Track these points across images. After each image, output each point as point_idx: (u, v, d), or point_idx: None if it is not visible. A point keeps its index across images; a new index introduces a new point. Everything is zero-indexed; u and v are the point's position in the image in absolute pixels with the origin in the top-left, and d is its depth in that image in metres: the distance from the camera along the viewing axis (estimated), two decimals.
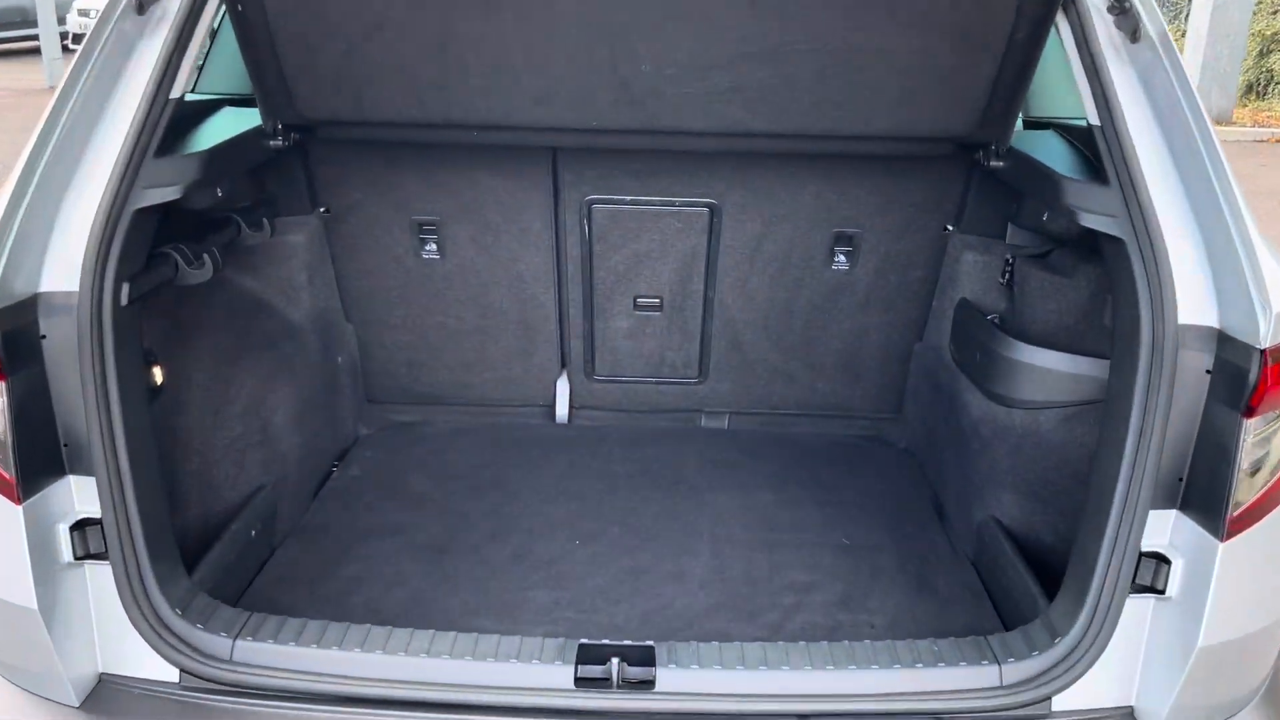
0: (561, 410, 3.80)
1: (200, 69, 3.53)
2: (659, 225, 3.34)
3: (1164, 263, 2.16)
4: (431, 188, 3.28)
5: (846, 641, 2.31)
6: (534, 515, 3.10)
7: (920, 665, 2.22)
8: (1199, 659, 2.10)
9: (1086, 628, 2.21)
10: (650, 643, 2.30)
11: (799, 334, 3.58)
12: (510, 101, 2.74)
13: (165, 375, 2.67)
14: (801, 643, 2.29)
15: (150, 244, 2.36)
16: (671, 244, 3.38)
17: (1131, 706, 2.24)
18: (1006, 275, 3.06)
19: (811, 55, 2.59)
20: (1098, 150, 2.43)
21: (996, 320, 3.07)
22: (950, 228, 3.31)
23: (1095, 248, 2.72)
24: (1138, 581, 2.19)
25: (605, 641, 2.33)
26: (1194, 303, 2.15)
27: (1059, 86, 3.36)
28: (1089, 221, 2.33)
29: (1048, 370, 2.74)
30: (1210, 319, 2.14)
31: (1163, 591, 2.18)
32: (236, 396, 2.91)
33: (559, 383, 3.75)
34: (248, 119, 2.92)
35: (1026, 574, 2.56)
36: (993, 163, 2.88)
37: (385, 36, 2.57)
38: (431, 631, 2.29)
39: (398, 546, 2.93)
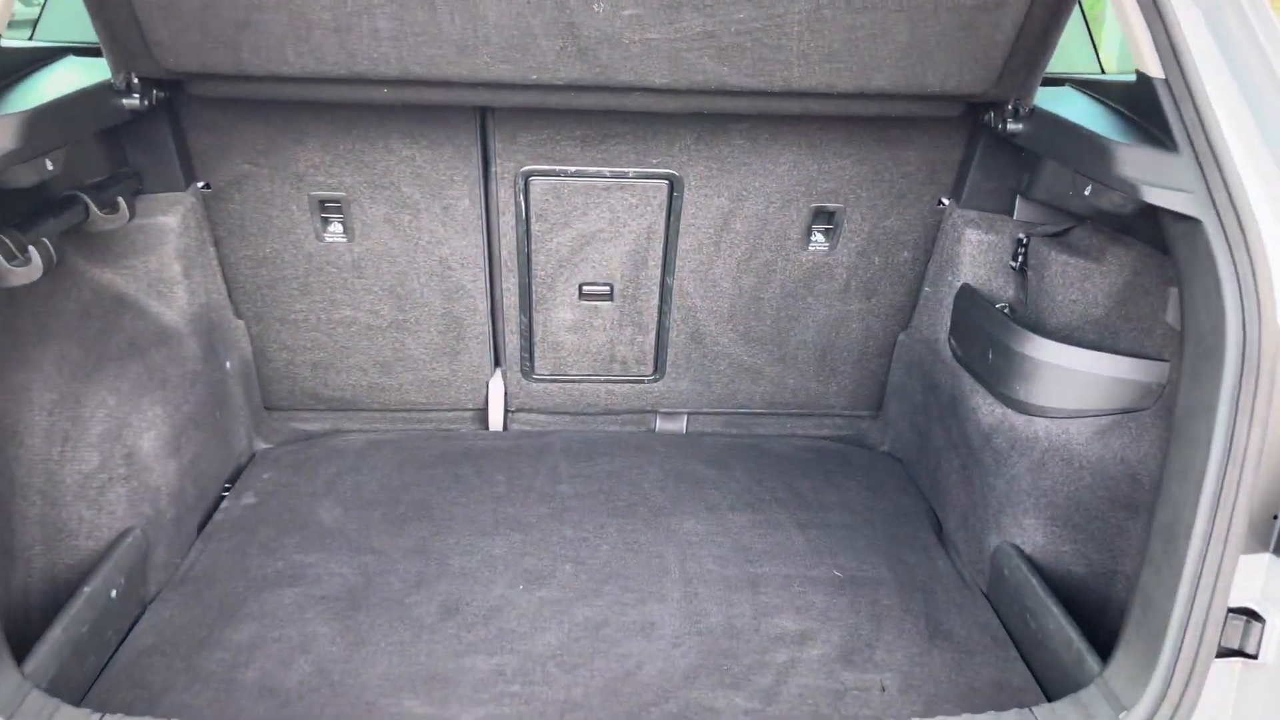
0: (495, 415, 3.28)
1: (41, 9, 2.89)
2: (609, 201, 2.82)
3: (1258, 250, 1.73)
4: (335, 158, 2.71)
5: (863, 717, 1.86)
6: (467, 552, 2.58)
7: None
8: None
9: (1160, 699, 1.79)
10: None
11: (769, 325, 3.10)
12: (429, 50, 2.20)
13: None
14: None
15: None
16: (624, 223, 2.87)
17: None
18: (1020, 258, 2.62)
19: None
20: (1152, 110, 1.99)
21: (1007, 310, 2.64)
22: (946, 202, 2.86)
23: (1129, 226, 2.30)
24: (1223, 643, 1.78)
25: None
26: None
27: (1066, 34, 2.92)
28: (1153, 197, 1.88)
29: (1080, 373, 2.31)
30: None
31: (1255, 655, 1.77)
32: (92, 420, 2.33)
33: (492, 384, 3.23)
34: (96, 72, 2.33)
35: (1067, 622, 2.14)
36: (1010, 125, 2.43)
37: None
38: None
39: (300, 599, 2.39)
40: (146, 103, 2.34)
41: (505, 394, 3.25)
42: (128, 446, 2.39)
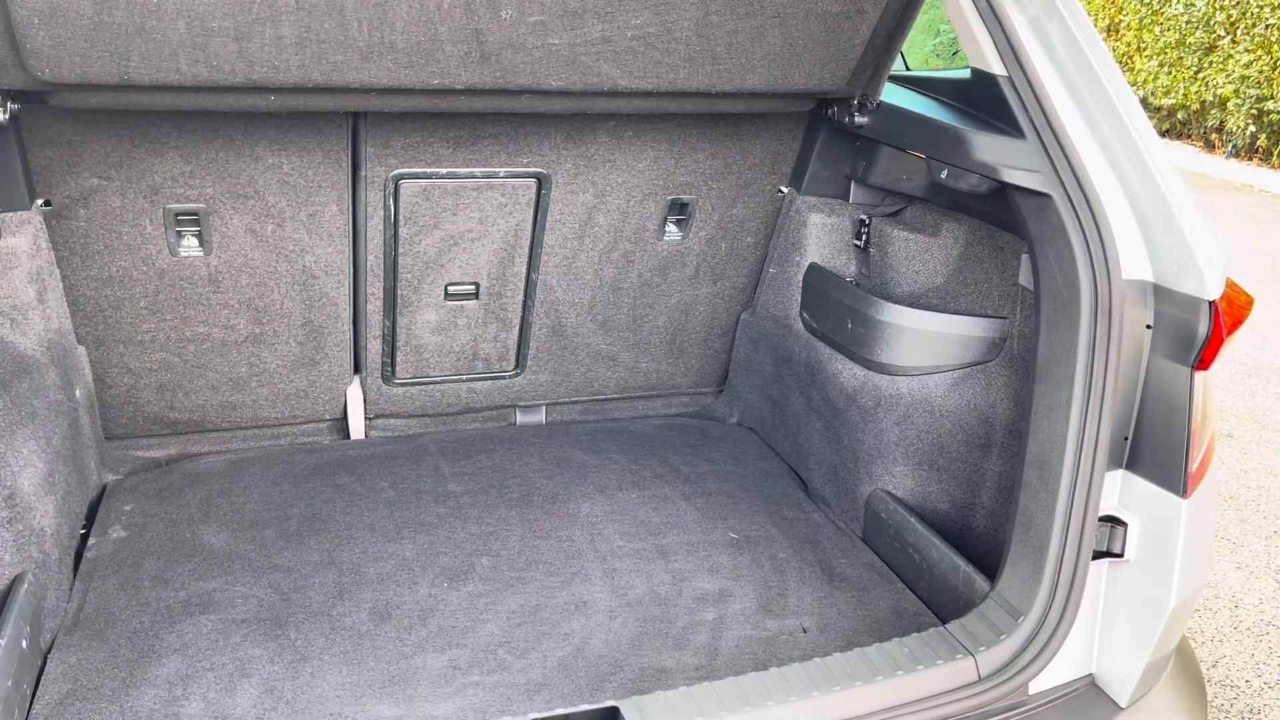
0: (355, 423, 3.24)
1: None
2: (479, 202, 2.88)
3: (1102, 217, 2.09)
4: (196, 169, 2.60)
5: (816, 659, 2.07)
6: (379, 559, 2.58)
7: (902, 672, 2.03)
8: (1173, 618, 2.08)
9: (1050, 601, 2.12)
10: (612, 703, 1.94)
11: (625, 313, 3.27)
12: (333, 56, 2.19)
13: None
14: (774, 669, 2.02)
15: None
16: (492, 222, 2.94)
17: (1092, 674, 2.19)
18: (864, 236, 2.93)
19: (696, 1, 2.27)
20: (992, 103, 2.33)
21: (853, 284, 2.95)
22: (785, 190, 3.14)
23: (960, 203, 2.65)
24: (1095, 547, 2.13)
25: (558, 712, 1.94)
26: (1130, 257, 2.10)
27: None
28: (1011, 177, 2.21)
29: (935, 333, 2.64)
30: (1145, 273, 2.10)
31: (1120, 554, 2.14)
32: None
33: (350, 391, 3.19)
34: None
35: (949, 550, 2.46)
36: (857, 118, 2.72)
37: None
38: None
39: (220, 625, 2.31)
40: (4, 117, 2.17)
41: (364, 400, 3.22)
42: (8, 487, 2.21)
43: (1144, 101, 13.10)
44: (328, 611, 2.37)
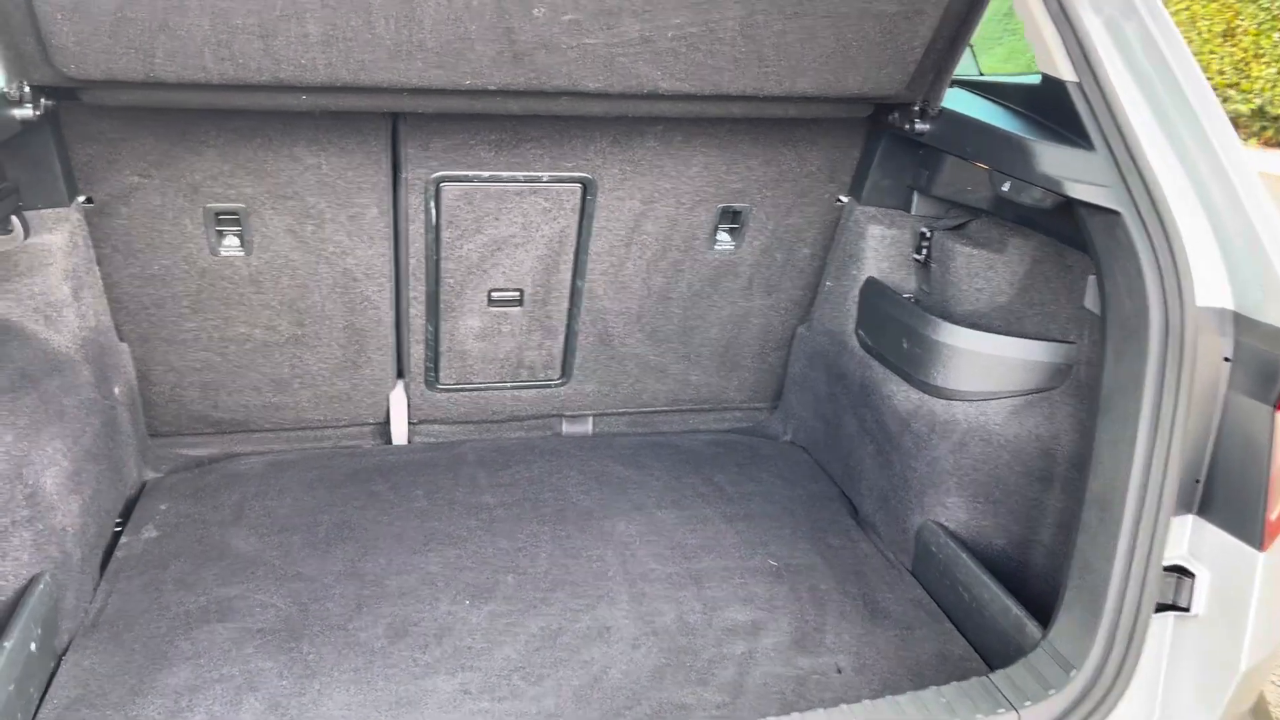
0: (398, 428, 3.19)
1: None
2: (522, 206, 2.80)
3: (1175, 238, 1.90)
4: (235, 168, 2.56)
5: (844, 705, 1.92)
6: (403, 571, 2.51)
7: None
8: (1245, 681, 1.88)
9: (1106, 656, 1.94)
10: None
11: (675, 323, 3.15)
12: (361, 55, 2.12)
13: None
14: (796, 715, 1.88)
15: None
16: (536, 228, 2.85)
17: None
18: (924, 251, 2.76)
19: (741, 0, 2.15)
20: (1061, 111, 2.15)
21: (912, 301, 2.78)
22: (844, 199, 2.98)
23: (1027, 218, 2.47)
24: (1159, 599, 1.94)
25: None
26: (1207, 282, 1.91)
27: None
28: (1076, 192, 2.03)
29: (994, 357, 2.46)
30: (1225, 300, 1.91)
31: (1187, 609, 1.94)
32: None
33: (393, 396, 3.14)
34: None
35: (1002, 591, 2.28)
36: (918, 125, 2.56)
37: None
38: None
39: (235, 634, 2.26)
40: (38, 112, 2.15)
41: (408, 406, 3.17)
42: (29, 486, 2.20)
43: (1261, 110, 12.45)
44: (344, 625, 2.30)
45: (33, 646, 2.03)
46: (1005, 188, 2.26)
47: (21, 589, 2.11)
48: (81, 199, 2.53)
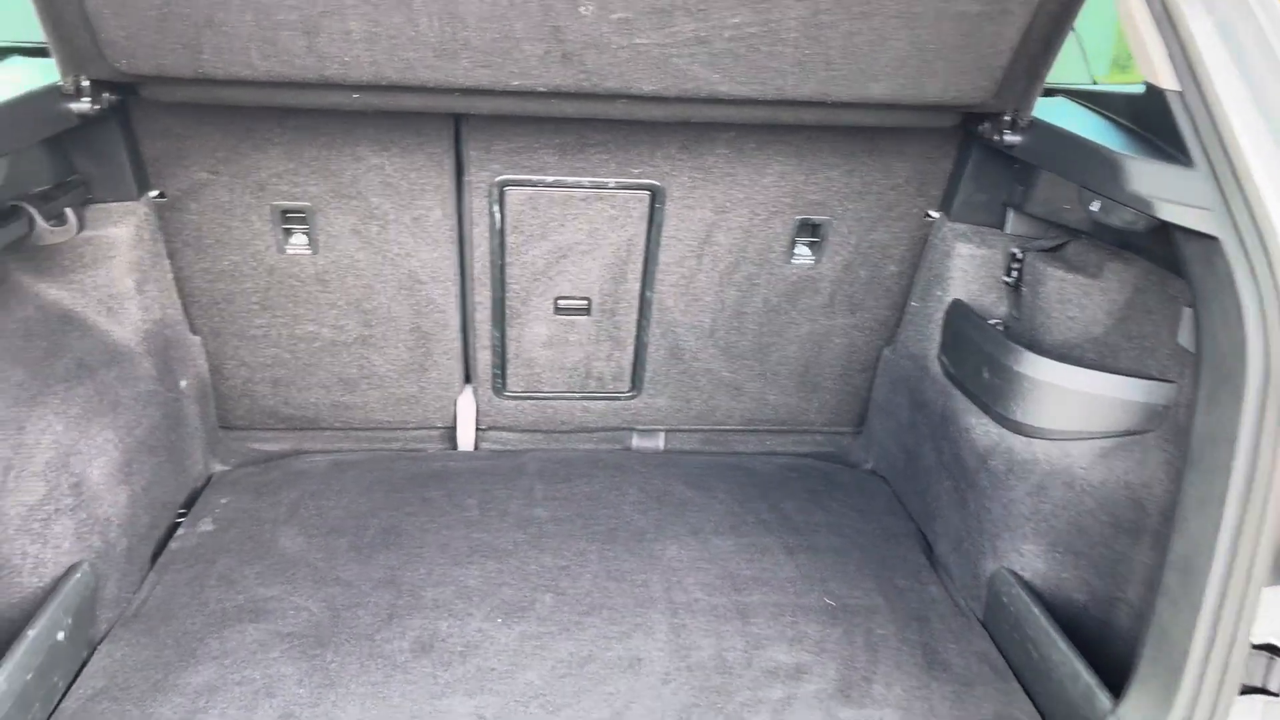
0: (465, 434, 3.14)
1: None
2: (588, 212, 2.71)
3: None
4: (300, 166, 2.56)
5: None
6: (440, 583, 2.45)
7: None
8: None
9: None
10: None
11: (751, 340, 3.00)
12: (404, 53, 2.07)
13: None
14: None
15: None
16: (603, 235, 2.75)
17: None
18: (1014, 273, 2.54)
19: None
20: (1163, 123, 1.92)
21: (1000, 327, 2.56)
22: (934, 215, 2.78)
23: (1129, 241, 2.23)
24: (1245, 681, 1.70)
25: None
26: None
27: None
28: (1169, 214, 1.81)
29: (1081, 393, 2.23)
30: None
31: (1278, 693, 1.70)
32: (37, 447, 2.16)
33: (461, 401, 3.09)
34: (43, 73, 2.17)
35: (1073, 653, 2.06)
36: (1007, 137, 2.35)
37: None
38: None
39: (263, 637, 2.24)
40: (97, 107, 2.18)
41: (476, 411, 3.12)
42: (75, 475, 2.23)
43: None
44: (371, 635, 2.25)
45: (60, 635, 2.04)
46: (1094, 207, 2.04)
47: (59, 577, 2.14)
48: (154, 194, 2.57)
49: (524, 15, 2.00)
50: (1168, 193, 1.82)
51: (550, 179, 2.63)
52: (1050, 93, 2.60)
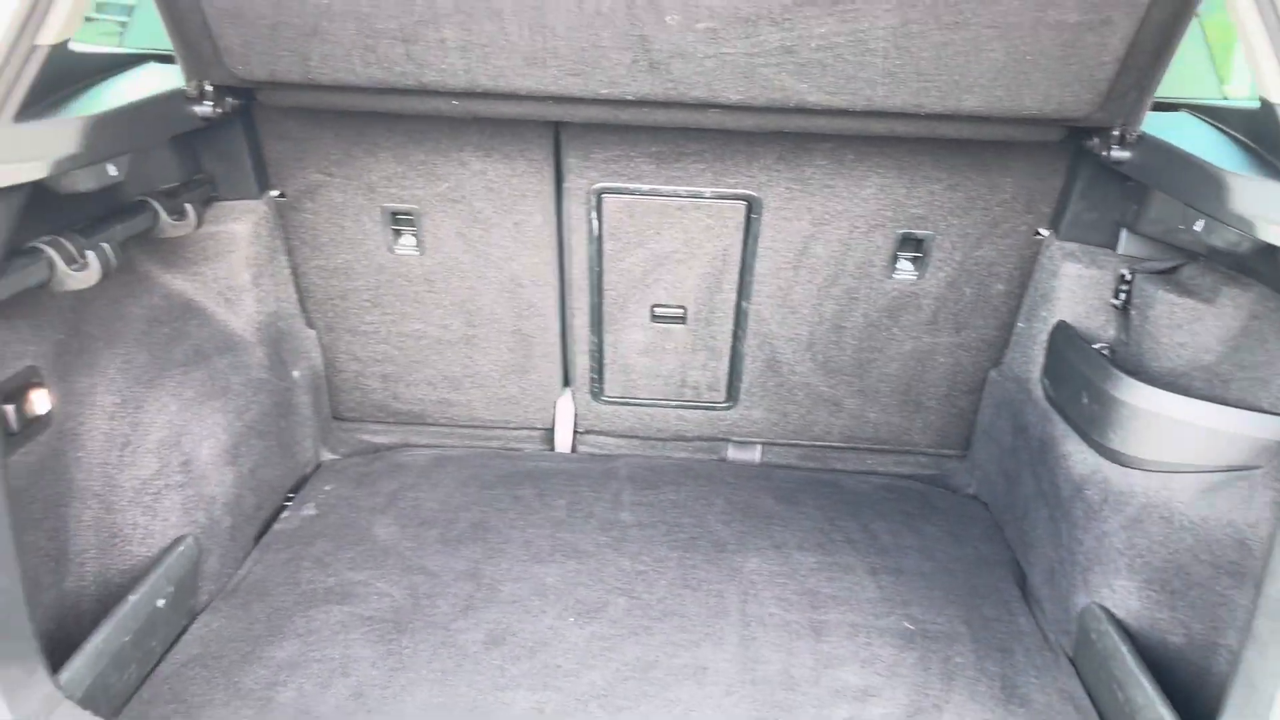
0: (563, 436, 3.20)
1: (130, 16, 2.94)
2: (683, 221, 2.72)
3: None
4: (408, 170, 2.67)
5: None
6: (519, 579, 2.50)
7: None
8: None
9: None
10: None
11: (850, 355, 2.96)
12: (496, 61, 2.13)
13: (56, 401, 2.09)
14: None
15: (9, 236, 1.78)
16: (699, 244, 2.76)
17: None
18: (1122, 296, 2.42)
19: (891, 5, 1.96)
20: (1272, 139, 1.80)
21: (1106, 352, 2.44)
22: (1044, 232, 2.68)
23: (1247, 265, 2.09)
24: None
25: None
26: None
27: (1183, 56, 2.71)
28: (1269, 234, 1.69)
29: (1184, 424, 2.11)
30: None
31: None
32: (152, 426, 2.32)
33: (560, 403, 3.15)
34: (173, 79, 2.34)
35: (1158, 696, 1.94)
36: (1115, 152, 2.25)
37: None
38: None
39: (346, 618, 2.34)
40: (219, 110, 2.33)
41: (574, 415, 3.17)
42: (185, 454, 2.38)
43: None
44: (447, 625, 2.32)
45: (160, 603, 2.18)
46: (1198, 226, 1.93)
47: (165, 548, 2.29)
48: (274, 193, 2.72)
49: (611, 24, 2.04)
50: (1272, 212, 1.71)
51: (647, 188, 2.66)
52: (1174, 107, 2.48)
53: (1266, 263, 1.96)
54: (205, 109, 2.30)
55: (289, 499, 2.88)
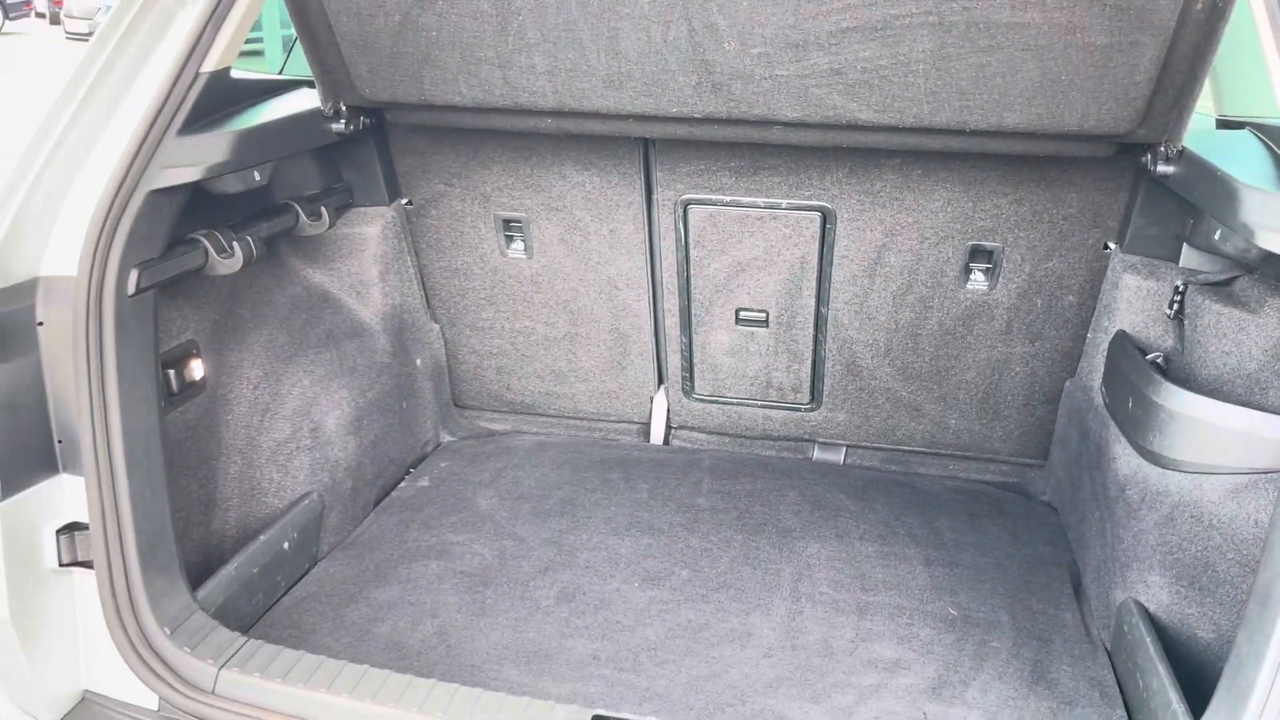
0: (657, 430, 3.46)
1: (290, 49, 3.39)
2: (763, 230, 2.95)
3: None
4: (516, 182, 3.01)
5: None
6: (596, 548, 2.77)
7: None
8: None
9: None
10: None
11: (927, 361, 3.10)
12: (579, 83, 2.43)
13: (211, 370, 2.51)
14: None
15: (173, 228, 2.18)
16: (778, 252, 2.99)
17: None
18: (1175, 306, 2.50)
19: (929, 30, 2.15)
20: None
21: (1160, 360, 2.53)
22: (1111, 246, 2.78)
23: None
24: None
25: (625, 716, 1.98)
26: None
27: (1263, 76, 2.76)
28: (1268, 242, 1.80)
29: (1216, 426, 2.19)
30: None
31: None
32: (288, 396, 2.72)
33: (656, 400, 3.42)
34: (317, 101, 2.74)
35: (1169, 680, 2.04)
36: (1160, 167, 2.35)
37: (439, 6, 2.31)
38: (431, 682, 2.02)
39: (441, 571, 2.66)
40: (351, 127, 2.72)
41: (668, 410, 3.43)
42: (314, 422, 2.76)
43: None
44: (526, 582, 2.61)
45: (286, 545, 2.56)
46: (1216, 236, 2.03)
47: (293, 501, 2.67)
48: (404, 201, 3.11)
49: (676, 50, 2.30)
50: (1269, 219, 1.82)
51: (728, 199, 2.91)
52: (1238, 125, 2.55)
53: None
54: (339, 126, 2.69)
55: (408, 472, 3.25)
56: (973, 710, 2.18)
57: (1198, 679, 2.10)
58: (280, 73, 3.30)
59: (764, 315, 3.12)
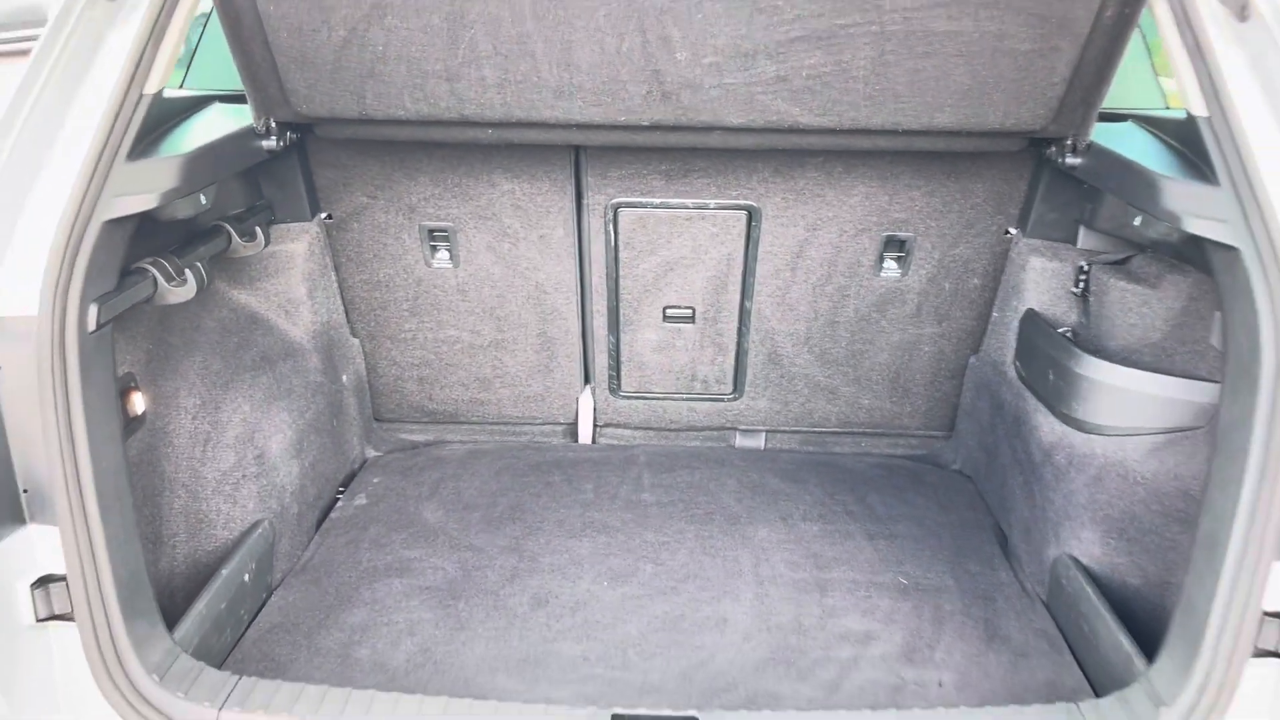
0: (585, 429, 3.52)
1: (190, 62, 3.26)
2: (691, 230, 3.05)
3: None
4: (444, 191, 2.99)
5: (917, 709, 2.01)
6: (556, 551, 2.81)
7: None
8: None
9: (1199, 696, 1.90)
10: (693, 713, 2.01)
11: (844, 347, 3.28)
12: (529, 95, 2.45)
13: (148, 403, 2.40)
14: (865, 711, 2.00)
15: (123, 259, 2.09)
16: (705, 250, 3.09)
17: None
18: (1081, 285, 2.75)
19: (870, 39, 2.29)
20: (1198, 145, 2.13)
21: (1069, 334, 2.77)
22: (1013, 231, 3.01)
23: (1184, 254, 2.42)
24: (1260, 645, 1.89)
25: (642, 712, 2.05)
26: None
27: (1132, 72, 3.05)
28: (1195, 227, 2.02)
29: (1134, 392, 2.43)
30: None
31: None
32: (229, 424, 2.63)
33: (581, 399, 3.47)
34: (238, 117, 2.65)
35: (1116, 625, 2.26)
36: (1069, 159, 2.58)
37: (388, 21, 2.29)
38: (444, 699, 2.02)
39: (407, 588, 2.64)
40: (281, 143, 2.65)
41: (594, 409, 3.48)
42: (258, 448, 2.69)
43: None
44: (496, 591, 2.63)
45: (246, 577, 2.49)
46: (1137, 221, 2.26)
47: (245, 530, 2.59)
48: (323, 215, 3.04)
49: (628, 61, 2.36)
50: (1194, 207, 2.04)
51: (658, 201, 2.99)
52: (1121, 118, 2.81)
53: (1197, 251, 2.28)
54: (270, 143, 2.61)
55: (341, 491, 3.19)
56: (944, 671, 2.35)
57: (1130, 621, 2.33)
58: (181, 86, 3.16)
59: (690, 311, 3.22)
